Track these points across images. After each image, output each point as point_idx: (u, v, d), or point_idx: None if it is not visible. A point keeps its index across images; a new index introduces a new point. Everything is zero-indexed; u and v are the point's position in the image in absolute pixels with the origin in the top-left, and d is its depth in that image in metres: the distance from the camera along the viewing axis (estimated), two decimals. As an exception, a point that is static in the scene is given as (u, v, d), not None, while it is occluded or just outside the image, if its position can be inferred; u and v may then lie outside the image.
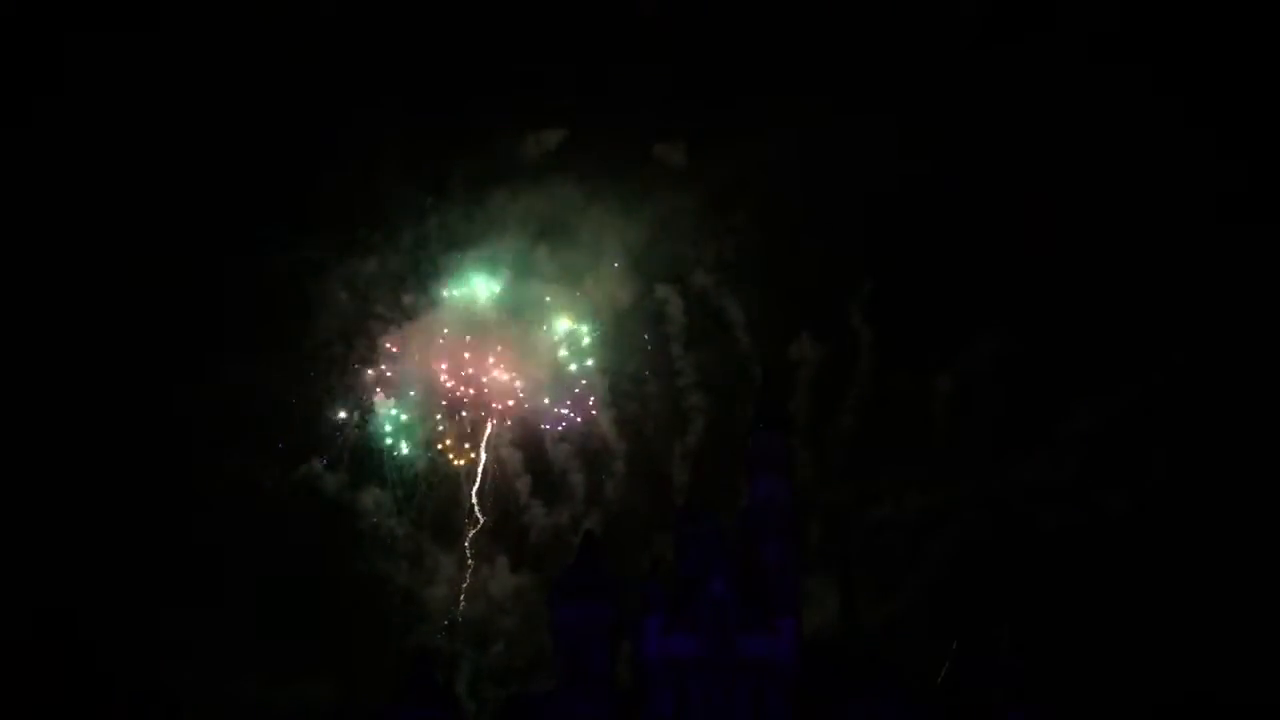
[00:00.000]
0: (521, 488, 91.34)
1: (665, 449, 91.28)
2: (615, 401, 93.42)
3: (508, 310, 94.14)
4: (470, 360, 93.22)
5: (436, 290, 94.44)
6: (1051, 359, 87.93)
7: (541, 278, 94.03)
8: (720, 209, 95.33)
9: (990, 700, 64.55)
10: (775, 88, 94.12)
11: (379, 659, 79.82)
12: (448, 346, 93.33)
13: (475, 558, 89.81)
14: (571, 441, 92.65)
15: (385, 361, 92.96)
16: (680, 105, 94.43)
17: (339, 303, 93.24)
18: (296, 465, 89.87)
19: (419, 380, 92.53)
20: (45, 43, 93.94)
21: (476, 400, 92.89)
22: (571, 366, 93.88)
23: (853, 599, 68.46)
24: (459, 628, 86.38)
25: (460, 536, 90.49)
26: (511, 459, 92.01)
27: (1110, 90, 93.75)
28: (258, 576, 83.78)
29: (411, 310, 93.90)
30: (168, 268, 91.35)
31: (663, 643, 64.06)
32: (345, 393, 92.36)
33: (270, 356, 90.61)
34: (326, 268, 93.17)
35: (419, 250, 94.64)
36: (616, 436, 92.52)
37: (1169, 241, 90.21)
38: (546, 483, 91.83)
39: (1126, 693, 71.21)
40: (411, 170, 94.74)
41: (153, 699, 70.65)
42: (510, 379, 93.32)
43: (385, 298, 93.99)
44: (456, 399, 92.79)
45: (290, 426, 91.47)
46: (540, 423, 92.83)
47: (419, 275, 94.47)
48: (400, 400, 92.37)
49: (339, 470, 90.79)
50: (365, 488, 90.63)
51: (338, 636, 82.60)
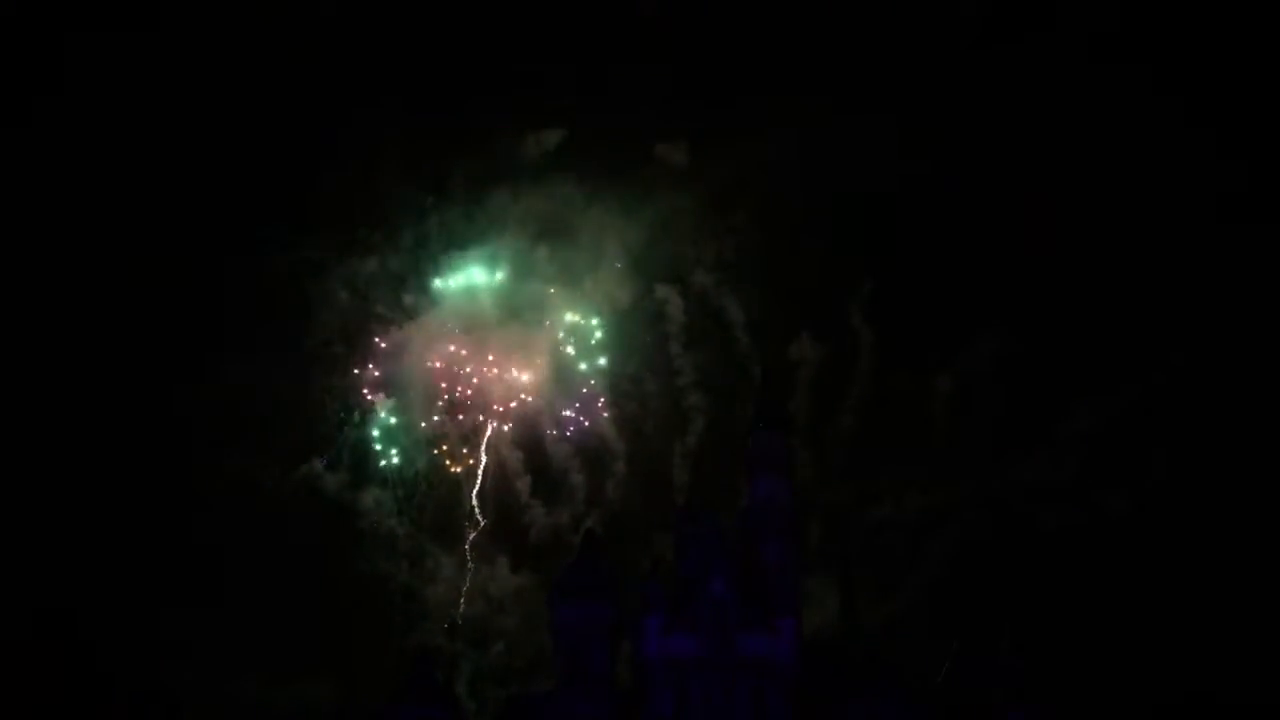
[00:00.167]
0: (521, 488, 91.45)
1: (665, 449, 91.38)
2: (615, 401, 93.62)
3: (508, 310, 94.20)
4: (470, 360, 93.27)
5: (437, 290, 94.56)
6: (1051, 359, 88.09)
7: (542, 278, 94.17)
8: (720, 209, 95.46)
9: (990, 700, 64.53)
10: (775, 88, 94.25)
11: (379, 659, 79.76)
12: (448, 346, 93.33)
13: (475, 558, 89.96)
14: (571, 441, 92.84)
15: (386, 361, 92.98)
16: (680, 105, 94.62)
17: (339, 303, 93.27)
18: (296, 465, 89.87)
19: (419, 380, 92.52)
20: (45, 43, 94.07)
21: (476, 400, 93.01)
22: (581, 365, 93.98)
23: (853, 599, 68.45)
24: (459, 628, 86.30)
25: (460, 536, 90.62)
26: (512, 459, 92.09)
27: (1110, 90, 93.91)
28: (258, 576, 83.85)
29: (412, 310, 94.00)
30: (168, 268, 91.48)
31: (663, 643, 64.06)
32: (345, 393, 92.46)
33: (270, 356, 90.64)
34: (326, 268, 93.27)
35: (419, 250, 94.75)
36: (616, 436, 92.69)
37: (1169, 241, 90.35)
38: (546, 483, 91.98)
39: (1126, 693, 71.22)
40: (411, 170, 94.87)
41: (153, 699, 70.64)
42: (510, 378, 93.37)
43: (385, 298, 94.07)
44: (456, 399, 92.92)
45: (290, 426, 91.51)
46: (546, 426, 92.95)
47: (419, 275, 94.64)
48: (400, 400, 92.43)
49: (339, 470, 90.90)
50: (365, 488, 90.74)
51: (338, 636, 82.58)
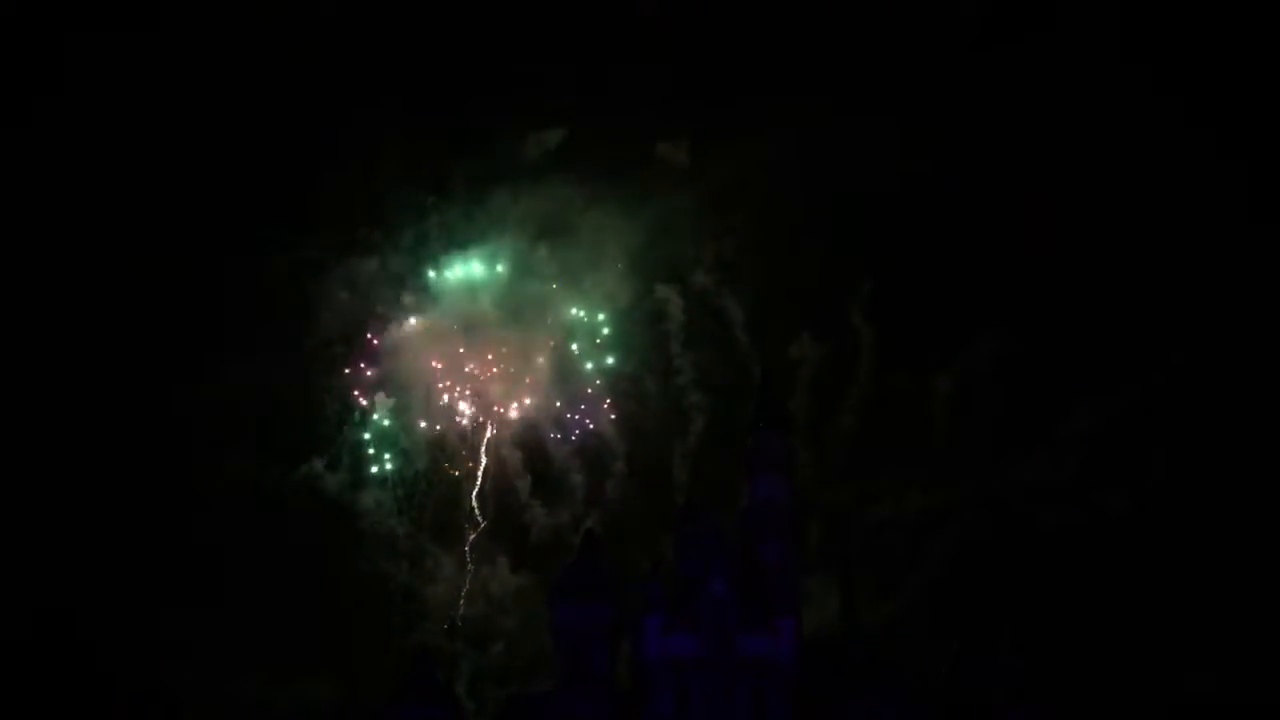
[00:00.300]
0: (521, 488, 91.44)
1: (665, 449, 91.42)
2: (615, 401, 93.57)
3: (508, 310, 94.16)
4: (470, 360, 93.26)
5: (437, 290, 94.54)
6: (1051, 359, 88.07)
7: (542, 277, 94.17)
8: (720, 209, 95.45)
9: (990, 700, 64.54)
10: (775, 88, 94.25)
11: (379, 659, 79.76)
12: (448, 346, 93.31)
13: (475, 558, 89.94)
14: (571, 441, 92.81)
15: (386, 361, 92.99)
16: (681, 105, 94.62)
17: (339, 303, 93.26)
18: (296, 465, 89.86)
19: (419, 380, 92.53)
20: (45, 43, 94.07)
21: (476, 400, 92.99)
22: (588, 365, 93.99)
23: (853, 599, 68.41)
24: (459, 628, 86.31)
25: (460, 536, 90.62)
26: (512, 459, 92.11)
27: (1110, 90, 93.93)
28: (258, 576, 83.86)
29: (412, 310, 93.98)
30: (168, 268, 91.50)
31: (663, 643, 64.06)
32: (345, 393, 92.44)
33: (270, 356, 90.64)
34: (326, 268, 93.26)
35: (419, 250, 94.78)
36: (616, 436, 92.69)
37: (1169, 241, 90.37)
38: (546, 483, 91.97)
39: (1126, 693, 71.26)
40: (411, 170, 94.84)
41: (153, 699, 70.65)
42: (511, 378, 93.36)
43: (385, 297, 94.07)
44: (457, 398, 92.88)
45: (290, 426, 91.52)
46: (546, 426, 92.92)
47: (419, 275, 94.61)
48: (400, 400, 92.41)
49: (339, 470, 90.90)
50: (365, 488, 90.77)
51: (338, 636, 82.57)
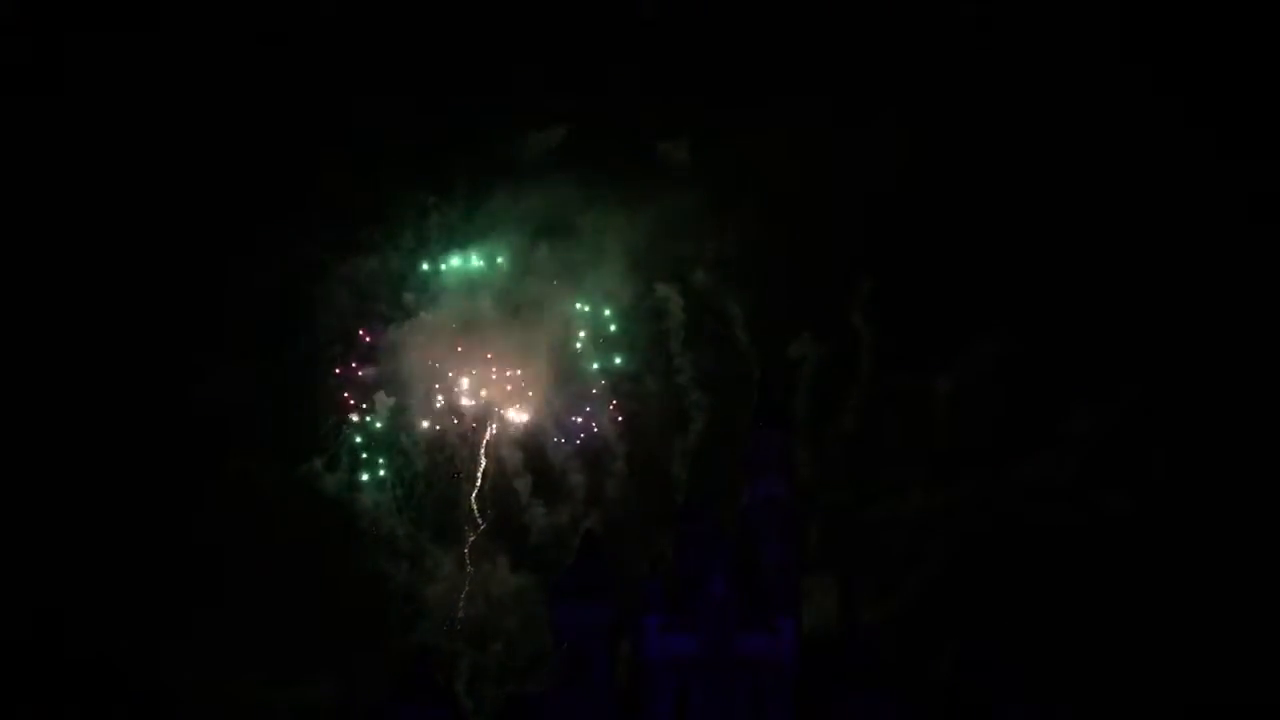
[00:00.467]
0: (521, 488, 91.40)
1: (665, 448, 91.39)
2: (615, 400, 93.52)
3: (509, 309, 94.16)
4: (471, 360, 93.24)
5: (437, 289, 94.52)
6: (1051, 359, 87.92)
7: (542, 276, 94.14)
8: (721, 208, 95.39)
9: (990, 700, 64.54)
10: (775, 88, 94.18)
11: (379, 659, 79.72)
12: (448, 345, 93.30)
13: (475, 558, 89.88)
14: (572, 441, 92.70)
15: (385, 361, 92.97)
16: (681, 105, 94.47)
17: (339, 303, 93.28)
18: (296, 465, 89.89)
19: (419, 380, 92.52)
20: (45, 43, 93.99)
21: (477, 400, 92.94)
22: (589, 364, 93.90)
23: (852, 598, 68.46)
24: (459, 628, 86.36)
25: (460, 537, 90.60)
26: (512, 459, 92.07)
27: (1110, 90, 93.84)
28: (258, 576, 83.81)
29: (412, 309, 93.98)
30: (168, 268, 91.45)
31: (663, 643, 64.09)
32: (345, 393, 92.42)
33: (270, 356, 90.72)
34: (326, 268, 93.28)
35: (419, 249, 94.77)
36: (616, 436, 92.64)
37: (1169, 242, 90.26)
38: (546, 482, 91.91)
39: (1126, 693, 71.24)
40: (411, 170, 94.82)
41: (153, 699, 70.67)
42: (511, 378, 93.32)
43: (385, 297, 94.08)
44: (456, 398, 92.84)
45: (290, 426, 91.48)
46: (547, 426, 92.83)
47: (420, 274, 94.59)
48: (400, 400, 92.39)
49: (339, 470, 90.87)
50: (365, 488, 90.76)
51: (338, 636, 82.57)
